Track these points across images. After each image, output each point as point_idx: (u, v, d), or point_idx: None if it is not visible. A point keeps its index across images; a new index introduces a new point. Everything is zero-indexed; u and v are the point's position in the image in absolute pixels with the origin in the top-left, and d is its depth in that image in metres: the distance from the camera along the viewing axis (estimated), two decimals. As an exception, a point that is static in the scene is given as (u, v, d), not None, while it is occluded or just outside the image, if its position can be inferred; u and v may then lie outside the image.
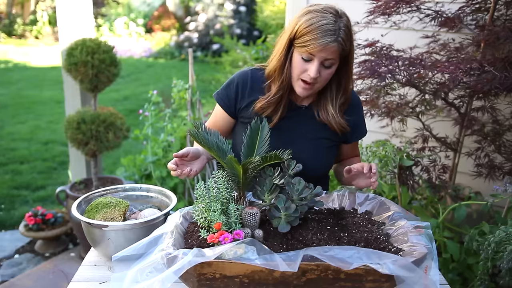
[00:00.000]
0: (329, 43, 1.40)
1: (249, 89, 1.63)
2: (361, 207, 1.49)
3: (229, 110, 1.66)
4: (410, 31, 2.46)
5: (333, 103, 1.59)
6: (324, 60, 1.45)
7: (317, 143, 1.64)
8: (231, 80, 1.66)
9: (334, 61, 1.46)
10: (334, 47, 1.41)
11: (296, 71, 1.50)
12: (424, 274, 1.13)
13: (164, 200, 1.70)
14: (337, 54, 1.45)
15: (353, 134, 1.69)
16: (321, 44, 1.40)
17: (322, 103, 1.60)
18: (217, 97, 1.67)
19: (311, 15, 1.43)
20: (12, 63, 8.98)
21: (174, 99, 3.23)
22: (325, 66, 1.47)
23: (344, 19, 1.45)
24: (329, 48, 1.41)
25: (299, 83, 1.51)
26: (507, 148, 2.27)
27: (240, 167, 1.26)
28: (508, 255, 1.59)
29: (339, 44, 1.42)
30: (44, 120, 6.02)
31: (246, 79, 1.64)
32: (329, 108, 1.59)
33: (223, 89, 1.67)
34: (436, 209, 2.30)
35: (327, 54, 1.43)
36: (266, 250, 1.13)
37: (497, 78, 1.95)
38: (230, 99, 1.65)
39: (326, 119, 1.60)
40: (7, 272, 2.98)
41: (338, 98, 1.59)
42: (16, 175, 4.41)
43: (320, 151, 1.64)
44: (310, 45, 1.41)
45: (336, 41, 1.41)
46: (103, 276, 1.46)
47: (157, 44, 10.37)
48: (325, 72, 1.48)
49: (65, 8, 3.15)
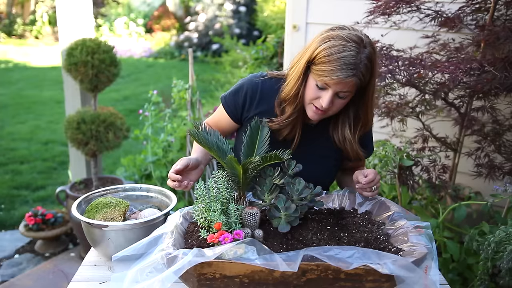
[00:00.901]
0: (347, 77, 1.34)
1: (257, 100, 1.58)
2: (361, 207, 1.49)
3: (234, 117, 1.63)
4: (410, 31, 2.46)
5: (351, 131, 1.54)
6: (339, 92, 1.40)
7: (324, 161, 1.63)
8: (240, 87, 1.60)
9: (350, 93, 1.42)
10: (351, 81, 1.36)
11: (309, 96, 1.45)
12: (424, 274, 1.13)
13: (164, 200, 1.70)
14: (353, 88, 1.40)
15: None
16: (338, 77, 1.34)
17: (340, 129, 1.56)
18: (224, 102, 1.63)
19: (333, 42, 1.35)
20: (12, 63, 8.97)
21: (174, 99, 3.23)
22: (339, 97, 1.42)
23: (367, 50, 1.37)
24: (347, 83, 1.36)
25: (311, 107, 1.47)
26: (507, 148, 2.27)
27: (240, 167, 1.26)
28: (508, 255, 1.59)
29: (357, 78, 1.36)
30: (44, 120, 6.02)
31: (256, 89, 1.58)
32: (347, 135, 1.54)
33: (231, 94, 1.61)
34: (436, 209, 2.30)
35: (342, 87, 1.38)
36: (266, 250, 1.13)
37: (497, 78, 1.95)
38: (237, 107, 1.61)
39: (342, 145, 1.56)
40: (7, 272, 2.98)
41: (356, 127, 1.54)
42: (16, 175, 4.41)
43: (327, 169, 1.64)
44: (326, 76, 1.35)
45: (355, 76, 1.35)
46: (103, 276, 1.46)
47: (157, 44, 10.37)
48: (338, 102, 1.43)
49: (65, 8, 3.15)
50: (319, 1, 2.91)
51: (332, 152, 1.62)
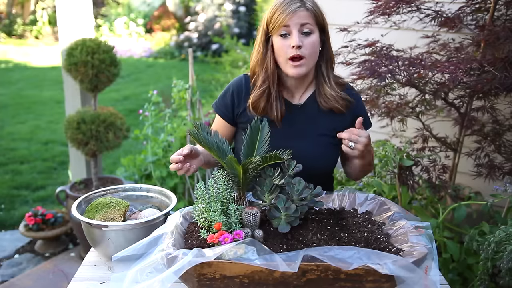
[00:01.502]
0: (297, 8, 1.49)
1: (244, 94, 1.66)
2: (361, 207, 1.49)
3: (227, 118, 1.69)
4: (410, 31, 2.46)
5: (327, 81, 1.61)
6: (300, 26, 1.50)
7: (319, 140, 1.64)
8: (227, 89, 1.69)
9: (311, 27, 1.51)
10: (303, 11, 1.49)
11: (281, 53, 1.53)
12: (424, 274, 1.13)
13: (164, 200, 1.70)
14: (311, 20, 1.51)
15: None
16: (289, 11, 1.48)
17: (321, 91, 1.62)
18: (215, 107, 1.71)
19: (275, 2, 1.54)
20: (12, 63, 8.97)
21: (174, 99, 3.23)
22: (304, 33, 1.51)
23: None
24: (299, 13, 1.49)
25: (289, 64, 1.53)
26: (507, 148, 2.27)
27: (240, 167, 1.26)
28: (508, 255, 1.59)
29: (308, 9, 1.50)
30: (44, 120, 6.02)
31: (240, 85, 1.67)
32: (326, 90, 1.61)
33: (220, 98, 1.70)
34: (436, 209, 2.30)
35: (300, 19, 1.49)
36: (266, 250, 1.13)
37: (497, 78, 1.95)
38: (228, 107, 1.68)
39: (327, 104, 1.61)
40: (7, 272, 2.98)
41: (330, 75, 1.62)
42: (16, 175, 4.41)
43: (323, 148, 1.64)
44: (280, 18, 1.49)
45: (304, 6, 1.50)
46: (103, 276, 1.46)
47: (157, 44, 10.37)
48: (307, 41, 1.51)
49: (65, 8, 3.15)
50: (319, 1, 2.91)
51: (326, 130, 1.64)
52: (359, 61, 2.24)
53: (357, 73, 2.24)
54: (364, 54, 2.29)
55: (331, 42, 1.63)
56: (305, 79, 1.62)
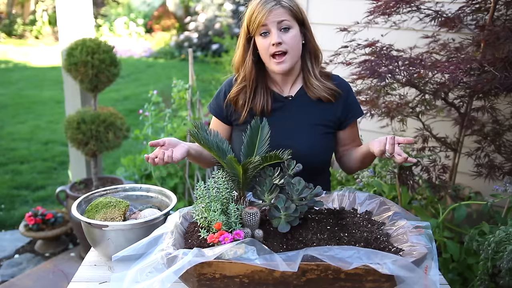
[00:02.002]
0: (272, 7, 1.53)
1: None
2: (361, 207, 1.49)
3: (221, 117, 1.74)
4: (410, 31, 2.46)
5: (312, 74, 1.65)
6: (278, 24, 1.54)
7: (312, 130, 1.66)
8: (220, 90, 1.75)
9: (289, 22, 1.55)
10: (279, 8, 1.53)
11: (263, 51, 1.58)
12: (424, 274, 1.13)
13: (164, 200, 1.70)
14: (288, 16, 1.55)
15: (346, 115, 1.69)
16: (266, 10, 1.52)
17: (308, 83, 1.66)
18: (210, 108, 1.77)
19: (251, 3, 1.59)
20: (12, 63, 8.98)
21: (174, 99, 3.23)
22: (283, 29, 1.55)
23: None
24: (276, 11, 1.53)
25: (272, 61, 1.58)
26: (507, 148, 2.27)
27: (240, 167, 1.26)
28: (508, 255, 1.59)
29: (283, 6, 1.54)
30: (44, 120, 6.02)
31: (231, 84, 1.71)
32: (312, 81, 1.64)
33: (213, 99, 1.77)
34: (436, 209, 2.30)
35: (277, 16, 1.53)
36: (266, 250, 1.13)
37: (497, 78, 1.95)
38: (220, 107, 1.73)
39: (315, 94, 1.65)
40: (7, 272, 2.98)
41: (314, 67, 1.66)
42: (16, 175, 4.41)
43: (316, 138, 1.66)
44: (258, 18, 1.54)
45: (279, 4, 1.54)
46: (103, 276, 1.46)
47: (157, 44, 10.37)
48: (287, 37, 1.55)
49: (65, 8, 3.15)
50: (319, 1, 2.91)
51: (318, 119, 1.67)
52: (359, 61, 2.24)
53: (357, 73, 2.24)
54: (364, 54, 2.29)
55: (314, 35, 1.66)
56: (291, 73, 1.67)
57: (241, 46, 1.64)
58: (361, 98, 2.38)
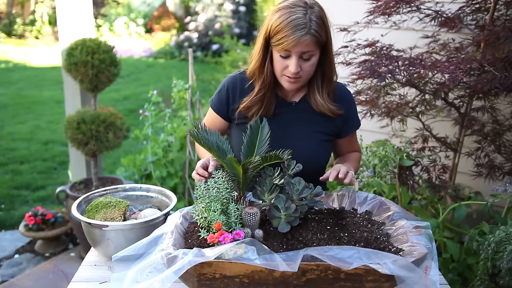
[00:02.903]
0: (301, 37, 1.42)
1: (239, 91, 1.66)
2: (361, 207, 1.49)
3: (222, 114, 1.71)
4: (410, 31, 2.46)
5: (320, 92, 1.61)
6: (301, 53, 1.46)
7: (311, 136, 1.66)
8: (222, 85, 1.70)
9: (313, 52, 1.48)
10: (307, 39, 1.43)
11: (278, 69, 1.53)
12: (424, 274, 1.13)
13: (164, 200, 1.70)
14: (313, 46, 1.46)
15: (346, 128, 1.70)
16: (293, 39, 1.42)
17: (311, 95, 1.63)
18: (211, 103, 1.73)
19: (280, 12, 1.45)
20: (12, 63, 8.97)
21: (174, 99, 3.23)
22: (304, 59, 1.48)
23: (315, 9, 1.46)
24: (303, 42, 1.43)
25: (284, 78, 1.54)
26: (507, 148, 2.27)
27: (240, 167, 1.26)
28: (508, 255, 1.59)
29: (312, 36, 1.43)
30: (44, 120, 6.02)
31: (235, 82, 1.67)
32: (317, 98, 1.61)
33: (215, 95, 1.72)
34: (436, 209, 2.30)
35: (302, 47, 1.44)
36: (266, 250, 1.13)
37: (497, 78, 1.95)
38: (222, 104, 1.69)
39: (317, 108, 1.63)
40: (7, 272, 2.98)
41: (323, 87, 1.61)
42: (16, 175, 4.41)
43: (314, 144, 1.66)
44: (283, 43, 1.44)
45: (309, 34, 1.42)
46: (103, 276, 1.46)
47: (157, 44, 10.36)
48: (306, 65, 1.50)
49: (65, 8, 3.15)
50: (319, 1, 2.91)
51: (318, 126, 1.66)
52: (359, 61, 2.24)
53: (357, 73, 2.24)
54: (364, 54, 2.29)
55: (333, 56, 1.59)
56: None
57: (259, 54, 1.56)
58: (361, 98, 2.38)
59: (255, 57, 1.58)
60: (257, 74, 1.59)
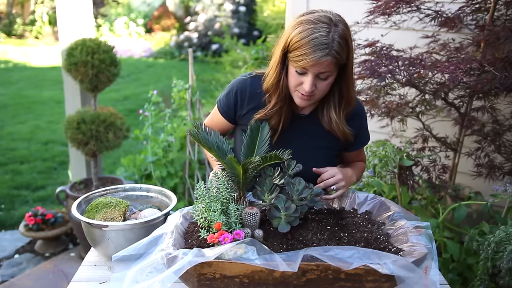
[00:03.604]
0: (321, 57, 1.34)
1: (248, 97, 1.61)
2: (361, 207, 1.49)
3: (228, 117, 1.66)
4: (410, 31, 2.46)
5: (336, 111, 1.54)
6: (319, 73, 1.40)
7: (318, 152, 1.62)
8: (231, 88, 1.64)
9: (330, 73, 1.42)
10: (327, 61, 1.36)
11: (293, 84, 1.47)
12: (424, 274, 1.13)
13: (164, 200, 1.70)
14: (332, 67, 1.40)
15: (355, 142, 1.65)
16: (312, 59, 1.35)
17: (325, 110, 1.56)
18: (219, 105, 1.67)
19: (302, 27, 1.37)
20: (12, 63, 8.97)
21: (174, 99, 3.23)
22: (321, 78, 1.43)
23: (339, 28, 1.37)
24: (322, 63, 1.36)
25: (297, 93, 1.48)
26: (507, 148, 2.27)
27: (240, 167, 1.26)
28: (508, 255, 1.59)
29: (332, 57, 1.36)
30: (44, 120, 6.02)
31: (245, 87, 1.61)
32: (332, 116, 1.55)
33: (223, 96, 1.66)
34: (436, 209, 2.30)
35: (320, 68, 1.38)
36: (266, 250, 1.13)
37: (497, 78, 1.95)
38: (230, 107, 1.64)
39: (329, 126, 1.57)
40: (7, 272, 2.98)
41: (341, 106, 1.55)
42: (16, 175, 4.41)
43: (323, 160, 1.61)
44: (302, 60, 1.37)
45: (329, 55, 1.35)
46: (103, 276, 1.46)
47: (157, 44, 10.36)
48: (322, 84, 1.44)
49: (65, 8, 3.15)
50: (319, 1, 2.91)
51: (326, 141, 1.62)
52: (359, 61, 2.24)
53: (357, 73, 2.24)
54: (364, 54, 2.29)
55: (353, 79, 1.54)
56: None
57: (276, 67, 1.49)
58: (361, 98, 2.38)
59: (272, 70, 1.51)
60: (274, 88, 1.52)
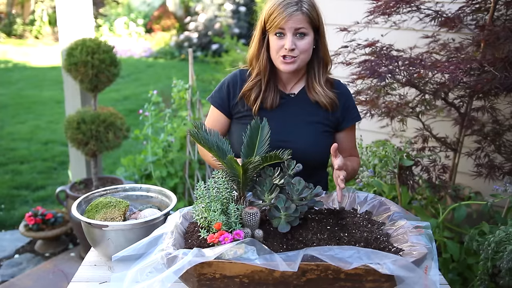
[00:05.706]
0: (293, 12, 1.53)
1: (239, 86, 1.73)
2: (361, 207, 1.49)
3: (223, 110, 1.75)
4: (410, 31, 2.46)
5: (317, 79, 1.68)
6: (295, 30, 1.55)
7: (312, 127, 1.69)
8: (223, 83, 1.77)
9: (306, 30, 1.56)
10: (299, 15, 1.54)
11: (274, 50, 1.60)
12: (424, 274, 1.13)
13: (164, 200, 1.70)
14: (306, 23, 1.55)
15: (345, 118, 1.72)
16: (286, 15, 1.53)
17: (310, 84, 1.69)
18: (212, 100, 1.78)
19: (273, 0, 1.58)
20: (12, 63, 8.97)
21: (174, 99, 3.23)
22: (299, 38, 1.57)
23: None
24: (295, 17, 1.53)
25: (280, 60, 1.60)
26: (507, 148, 2.27)
27: (240, 167, 1.26)
28: (508, 255, 1.59)
29: (303, 13, 1.54)
30: (44, 120, 6.02)
31: (235, 78, 1.75)
32: (316, 87, 1.68)
33: (216, 92, 1.78)
34: (436, 209, 2.30)
35: (295, 23, 1.54)
36: (266, 250, 1.13)
37: (497, 78, 1.95)
38: (224, 100, 1.75)
39: (317, 97, 1.68)
40: (7, 272, 2.98)
41: (320, 73, 1.68)
42: (16, 175, 4.40)
43: (315, 135, 1.69)
44: (277, 20, 1.54)
45: (300, 10, 1.54)
46: (103, 276, 1.46)
47: (157, 44, 10.36)
48: (301, 43, 1.57)
49: (65, 8, 3.15)
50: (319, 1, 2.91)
51: (317, 116, 1.70)
52: (359, 61, 2.24)
53: (357, 73, 2.24)
54: (364, 54, 2.29)
55: (327, 42, 1.67)
56: (297, 73, 1.70)
57: (256, 41, 1.66)
58: (361, 98, 2.38)
59: (252, 45, 1.68)
60: (254, 60, 1.68)
